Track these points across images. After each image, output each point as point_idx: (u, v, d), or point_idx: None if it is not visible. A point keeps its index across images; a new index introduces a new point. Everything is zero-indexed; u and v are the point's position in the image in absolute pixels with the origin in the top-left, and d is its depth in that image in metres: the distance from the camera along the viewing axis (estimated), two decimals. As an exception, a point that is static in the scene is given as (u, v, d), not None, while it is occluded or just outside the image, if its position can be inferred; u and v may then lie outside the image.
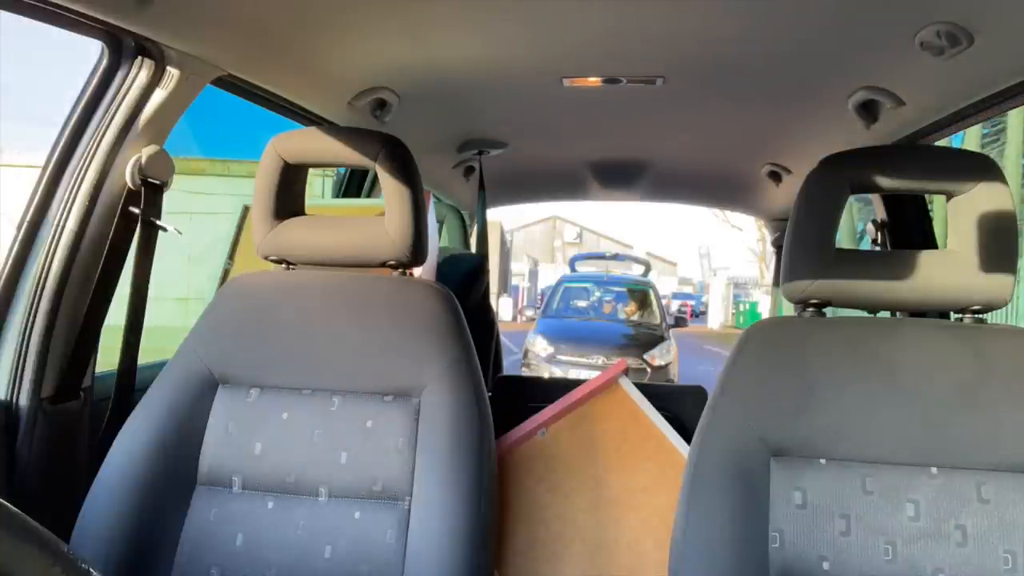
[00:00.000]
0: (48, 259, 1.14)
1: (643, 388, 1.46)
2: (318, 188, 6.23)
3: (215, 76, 1.27)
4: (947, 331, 1.04)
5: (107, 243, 1.20)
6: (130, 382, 1.28)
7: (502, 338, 2.67)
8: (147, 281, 1.29)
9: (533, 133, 1.99)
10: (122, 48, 1.15)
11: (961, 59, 1.15)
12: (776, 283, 2.90)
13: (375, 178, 1.96)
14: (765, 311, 13.94)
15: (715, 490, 0.98)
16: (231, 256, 1.81)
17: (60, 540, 0.45)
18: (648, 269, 9.14)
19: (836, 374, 1.01)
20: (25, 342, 1.12)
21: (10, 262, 1.14)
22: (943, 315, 1.43)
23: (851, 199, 1.08)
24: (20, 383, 1.12)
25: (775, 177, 2.13)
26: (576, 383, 1.47)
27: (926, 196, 2.30)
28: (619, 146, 2.10)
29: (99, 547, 1.00)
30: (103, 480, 1.04)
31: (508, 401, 1.56)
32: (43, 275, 1.13)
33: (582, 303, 7.91)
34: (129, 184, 1.20)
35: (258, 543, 1.05)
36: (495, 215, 3.20)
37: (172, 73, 1.19)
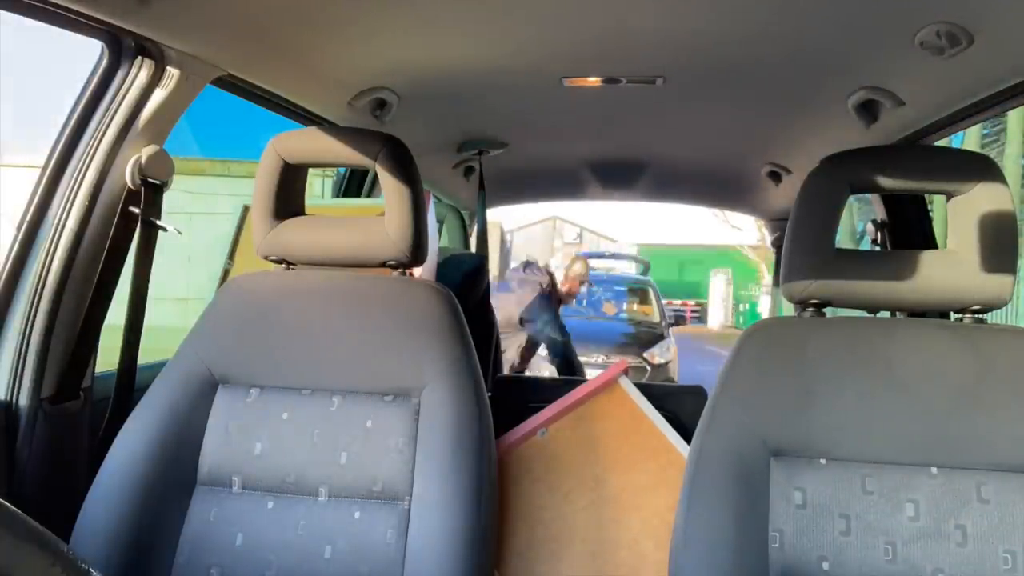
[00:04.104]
0: (48, 259, 1.14)
1: (643, 388, 1.46)
2: (318, 188, 6.23)
3: (215, 76, 1.27)
4: (947, 331, 1.04)
5: (107, 243, 1.20)
6: (130, 382, 1.28)
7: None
8: (147, 281, 1.29)
9: (533, 133, 1.99)
10: (122, 48, 1.15)
11: (961, 59, 1.15)
12: (776, 283, 2.90)
13: (375, 178, 1.96)
14: (765, 311, 13.93)
15: (715, 490, 0.98)
16: (231, 256, 1.80)
17: (60, 540, 0.45)
18: (647, 268, 9.14)
19: (836, 374, 1.01)
20: (25, 342, 1.12)
21: (10, 262, 1.14)
22: (943, 315, 1.43)
23: (851, 199, 1.08)
24: (20, 383, 1.11)
25: (775, 177, 2.13)
26: (576, 383, 1.47)
27: (926, 196, 2.30)
28: (619, 146, 2.10)
29: (99, 547, 1.00)
30: (103, 480, 1.04)
31: (508, 401, 1.56)
32: (43, 275, 1.13)
33: (582, 302, 7.90)
34: (129, 184, 1.20)
35: (258, 543, 1.05)
36: (495, 215, 3.20)
37: (172, 73, 1.19)
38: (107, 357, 1.25)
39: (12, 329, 1.13)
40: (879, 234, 1.85)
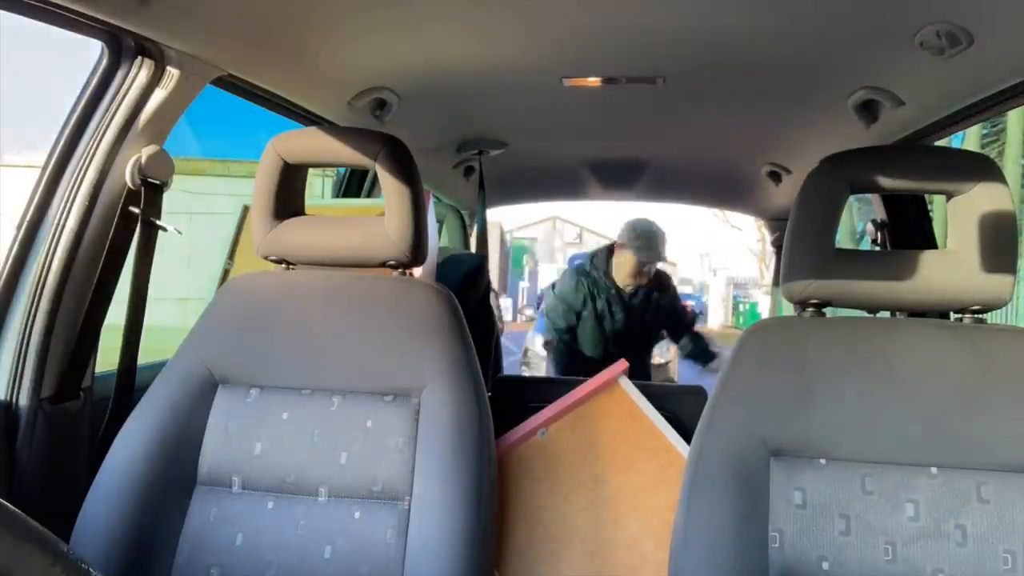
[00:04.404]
0: (48, 259, 1.14)
1: (643, 388, 1.46)
2: (318, 188, 6.23)
3: (215, 76, 1.27)
4: (947, 331, 1.04)
5: (107, 243, 1.20)
6: (130, 382, 1.28)
7: (502, 338, 2.67)
8: (147, 281, 1.29)
9: (533, 133, 1.99)
10: (122, 48, 1.15)
11: (961, 59, 1.15)
12: (776, 283, 2.90)
13: (375, 178, 1.96)
14: (765, 311, 13.94)
15: (715, 490, 0.98)
16: (231, 256, 1.80)
17: (60, 540, 0.45)
18: None
19: (836, 374, 1.01)
20: (25, 342, 1.12)
21: (10, 262, 1.14)
22: (943, 315, 1.43)
23: (851, 199, 1.08)
24: (20, 383, 1.12)
25: (775, 177, 2.13)
26: (576, 383, 1.47)
27: (926, 196, 2.30)
28: (619, 146, 2.10)
29: (99, 547, 1.00)
30: (103, 480, 1.04)
31: (508, 401, 1.56)
32: (43, 275, 1.13)
33: None
34: (129, 184, 1.20)
35: (258, 543, 1.05)
36: (495, 215, 3.19)
37: (172, 73, 1.19)
38: (107, 357, 1.25)
39: (12, 329, 1.13)
40: (879, 234, 1.85)
